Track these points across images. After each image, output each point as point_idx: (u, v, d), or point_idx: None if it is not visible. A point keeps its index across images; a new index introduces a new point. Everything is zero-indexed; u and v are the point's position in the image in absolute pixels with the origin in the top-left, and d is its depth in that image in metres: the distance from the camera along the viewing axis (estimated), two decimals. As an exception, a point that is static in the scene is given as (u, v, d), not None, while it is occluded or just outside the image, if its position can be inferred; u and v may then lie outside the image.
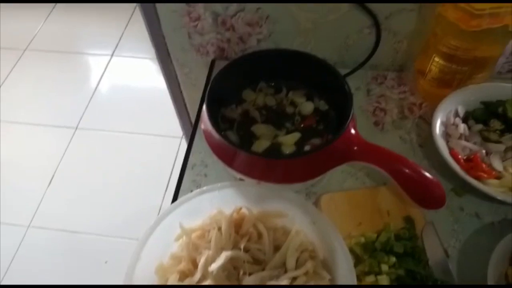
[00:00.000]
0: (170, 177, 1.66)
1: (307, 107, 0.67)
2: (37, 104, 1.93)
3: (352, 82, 0.77)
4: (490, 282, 0.50)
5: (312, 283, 0.51)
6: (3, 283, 1.44)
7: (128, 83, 2.02)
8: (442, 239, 0.58)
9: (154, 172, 1.68)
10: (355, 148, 0.56)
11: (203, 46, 0.83)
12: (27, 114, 1.89)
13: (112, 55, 2.13)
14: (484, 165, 0.61)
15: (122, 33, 2.22)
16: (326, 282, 0.52)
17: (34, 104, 1.94)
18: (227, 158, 0.58)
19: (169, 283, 0.53)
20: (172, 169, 1.69)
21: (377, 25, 0.73)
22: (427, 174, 0.55)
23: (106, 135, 1.82)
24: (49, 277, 1.43)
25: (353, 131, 0.57)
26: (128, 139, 1.80)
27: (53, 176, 1.69)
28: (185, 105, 1.02)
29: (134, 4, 2.14)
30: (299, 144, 0.63)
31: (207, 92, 0.61)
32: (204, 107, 0.60)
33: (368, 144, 0.56)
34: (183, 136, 1.58)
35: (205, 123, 0.60)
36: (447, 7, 0.62)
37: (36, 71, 2.07)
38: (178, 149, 1.75)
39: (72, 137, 1.82)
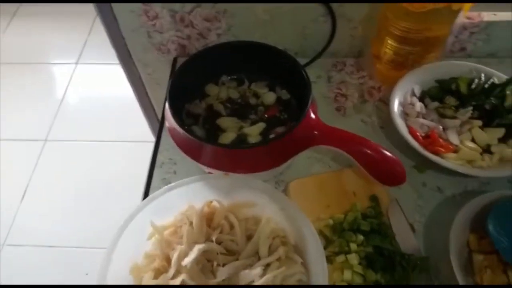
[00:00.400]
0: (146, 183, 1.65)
1: (270, 97, 0.68)
2: (3, 119, 1.88)
3: (313, 71, 0.80)
4: (452, 250, 0.53)
5: (284, 268, 0.52)
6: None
7: (96, 91, 1.98)
8: (407, 215, 0.60)
9: (130, 179, 1.65)
10: (316, 132, 0.57)
11: (163, 45, 0.83)
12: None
13: (76, 63, 2.09)
14: (441, 140, 0.64)
15: (86, 40, 2.18)
16: (298, 265, 0.53)
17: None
18: (193, 152, 0.59)
19: (144, 281, 0.53)
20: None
21: (331, 13, 0.75)
22: (387, 153, 0.57)
23: (77, 145, 1.79)
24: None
25: (313, 116, 0.58)
26: (100, 148, 1.77)
27: (25, 191, 1.65)
28: (152, 106, 1.02)
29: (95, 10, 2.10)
30: (264, 133, 0.64)
31: (168, 88, 0.61)
32: (166, 104, 0.60)
33: (329, 127, 0.58)
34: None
35: (169, 120, 0.60)
36: (394, -10, 0.64)
37: (-1, 84, 2.01)
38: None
39: (42, 149, 1.78)
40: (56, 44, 2.17)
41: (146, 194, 0.65)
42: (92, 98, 1.96)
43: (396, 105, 0.68)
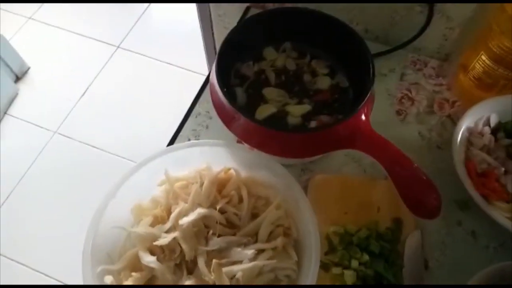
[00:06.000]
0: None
1: (325, 81, 0.62)
2: (85, 16, 1.96)
3: (388, 62, 0.72)
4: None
5: (276, 261, 0.50)
6: (20, 184, 1.53)
7: (175, 14, 1.98)
8: (427, 249, 0.55)
9: (178, 104, 1.69)
10: (359, 136, 0.52)
11: (242, -12, 0.78)
12: (74, 23, 1.92)
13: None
14: (497, 184, 0.56)
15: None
16: (292, 262, 0.51)
17: (82, 15, 1.96)
18: (226, 118, 0.56)
19: (141, 224, 0.54)
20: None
21: (431, 4, 0.65)
22: (426, 178, 0.50)
23: (143, 60, 1.83)
24: (63, 186, 1.53)
25: (363, 117, 0.52)
26: (163, 68, 1.81)
27: (87, 88, 1.75)
28: (214, 48, 0.99)
29: None
30: (306, 117, 0.59)
31: (222, 42, 0.57)
32: (216, 58, 0.57)
33: (375, 135, 0.51)
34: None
35: (212, 75, 0.57)
36: (512, 0, 0.54)
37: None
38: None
39: (112, 55, 1.85)
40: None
41: (172, 141, 0.64)
42: (171, 20, 1.97)
43: (462, 129, 0.60)
